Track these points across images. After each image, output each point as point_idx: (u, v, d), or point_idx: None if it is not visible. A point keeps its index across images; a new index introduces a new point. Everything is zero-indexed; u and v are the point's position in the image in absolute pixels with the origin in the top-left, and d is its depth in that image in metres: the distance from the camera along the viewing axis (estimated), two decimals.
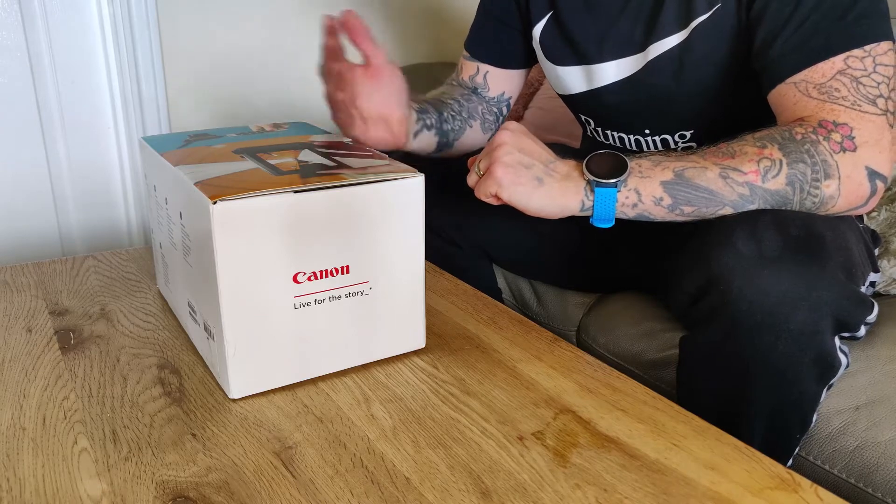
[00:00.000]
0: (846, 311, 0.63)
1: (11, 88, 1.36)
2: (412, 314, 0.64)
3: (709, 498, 0.47)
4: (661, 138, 0.87)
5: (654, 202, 0.68)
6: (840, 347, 0.66)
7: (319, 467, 0.49)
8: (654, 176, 0.68)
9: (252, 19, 1.53)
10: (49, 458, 0.50)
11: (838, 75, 0.68)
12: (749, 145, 0.68)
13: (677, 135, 0.86)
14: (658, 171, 0.68)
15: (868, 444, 0.69)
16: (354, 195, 0.57)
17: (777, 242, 0.63)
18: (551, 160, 0.70)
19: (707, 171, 0.67)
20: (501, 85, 1.01)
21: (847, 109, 0.68)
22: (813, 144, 0.67)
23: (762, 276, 0.62)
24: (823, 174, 0.67)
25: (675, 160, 0.69)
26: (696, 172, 0.68)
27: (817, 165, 0.67)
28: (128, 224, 1.54)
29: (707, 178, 0.67)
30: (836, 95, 0.68)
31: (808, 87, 0.70)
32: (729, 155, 0.68)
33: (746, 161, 0.67)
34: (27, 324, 0.69)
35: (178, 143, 0.69)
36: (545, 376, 0.61)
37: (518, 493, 0.47)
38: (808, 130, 0.68)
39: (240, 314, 0.55)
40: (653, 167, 0.68)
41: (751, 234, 0.63)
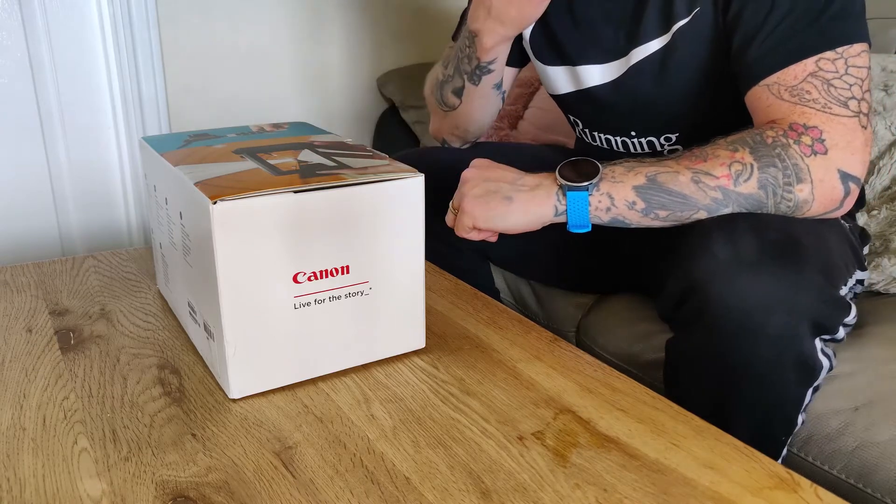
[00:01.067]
0: (823, 314, 0.64)
1: (11, 88, 1.36)
2: (412, 314, 0.64)
3: (708, 498, 0.47)
4: (648, 140, 0.88)
5: (626, 206, 0.69)
6: (822, 350, 0.67)
7: (319, 467, 0.49)
8: (626, 181, 0.69)
9: (252, 19, 1.53)
10: (49, 458, 0.50)
11: (810, 77, 0.69)
12: (721, 149, 0.69)
13: (663, 137, 0.86)
14: (630, 176, 0.69)
15: (867, 444, 0.69)
16: (354, 195, 0.57)
17: (754, 246, 0.63)
18: (518, 178, 0.72)
19: (679, 175, 0.68)
20: None
21: (817, 112, 0.68)
22: (783, 148, 0.68)
23: (739, 281, 0.62)
24: (795, 178, 0.68)
25: (648, 165, 0.69)
26: (669, 177, 0.68)
27: (788, 170, 0.67)
28: (128, 224, 1.54)
29: (679, 182, 0.68)
30: (806, 98, 0.69)
31: (781, 90, 0.70)
32: (701, 159, 0.68)
33: (718, 165, 0.68)
34: (27, 324, 0.69)
35: (178, 143, 0.69)
36: (545, 376, 0.61)
37: (518, 493, 0.47)
38: (778, 134, 0.68)
39: (240, 314, 0.55)
40: (626, 172, 0.69)
41: (728, 238, 0.64)
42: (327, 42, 1.64)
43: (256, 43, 1.55)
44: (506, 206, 0.70)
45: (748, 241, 0.63)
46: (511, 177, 0.72)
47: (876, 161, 1.10)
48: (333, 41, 1.65)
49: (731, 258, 0.63)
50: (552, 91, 0.96)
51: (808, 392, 0.68)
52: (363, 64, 1.70)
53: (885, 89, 1.15)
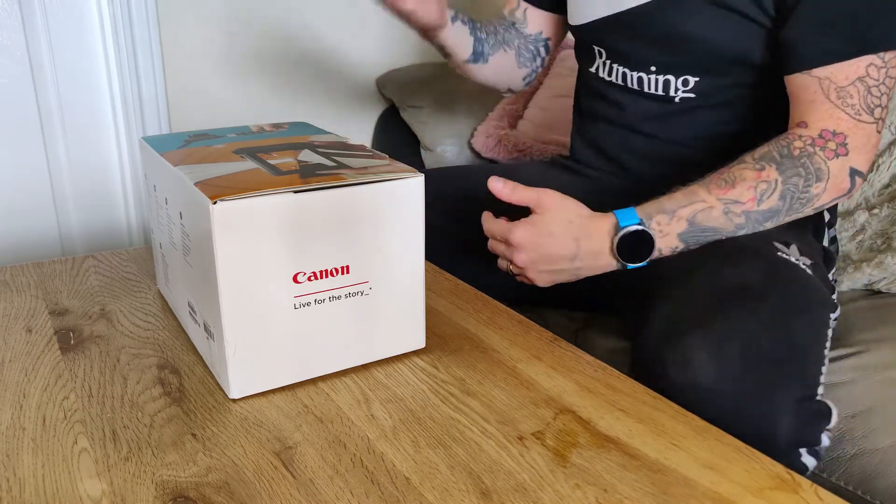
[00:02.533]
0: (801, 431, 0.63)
1: (11, 88, 1.36)
2: (412, 314, 0.64)
3: (709, 498, 0.47)
4: (665, 79, 0.87)
5: (671, 251, 0.75)
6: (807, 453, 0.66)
7: (319, 467, 0.49)
8: (671, 232, 0.73)
9: (252, 19, 1.53)
10: (49, 458, 0.50)
11: (857, 81, 0.72)
12: (749, 169, 0.72)
13: (681, 80, 0.86)
14: (674, 225, 0.73)
15: (866, 451, 0.69)
16: (354, 195, 0.57)
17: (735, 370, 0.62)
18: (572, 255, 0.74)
19: (713, 210, 0.72)
20: (538, 24, 1.04)
21: (849, 118, 0.72)
22: (809, 157, 0.72)
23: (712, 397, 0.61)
24: (815, 179, 0.72)
25: (686, 204, 0.73)
26: (705, 215, 0.73)
27: (811, 174, 0.72)
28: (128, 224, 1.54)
29: (712, 217, 0.73)
30: (848, 102, 0.72)
31: (830, 88, 0.72)
32: (730, 184, 0.72)
33: (745, 189, 0.72)
34: (27, 324, 0.69)
35: (178, 143, 0.69)
36: (545, 376, 0.61)
37: (518, 493, 0.47)
38: (806, 144, 0.72)
39: (240, 314, 0.55)
40: (669, 222, 0.73)
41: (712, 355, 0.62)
42: (327, 42, 1.64)
43: (256, 43, 1.55)
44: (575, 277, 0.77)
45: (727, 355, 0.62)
46: (567, 256, 0.74)
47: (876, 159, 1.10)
48: (333, 41, 1.65)
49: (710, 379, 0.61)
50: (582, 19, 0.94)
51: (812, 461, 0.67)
52: (363, 64, 1.70)
53: None
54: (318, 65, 1.65)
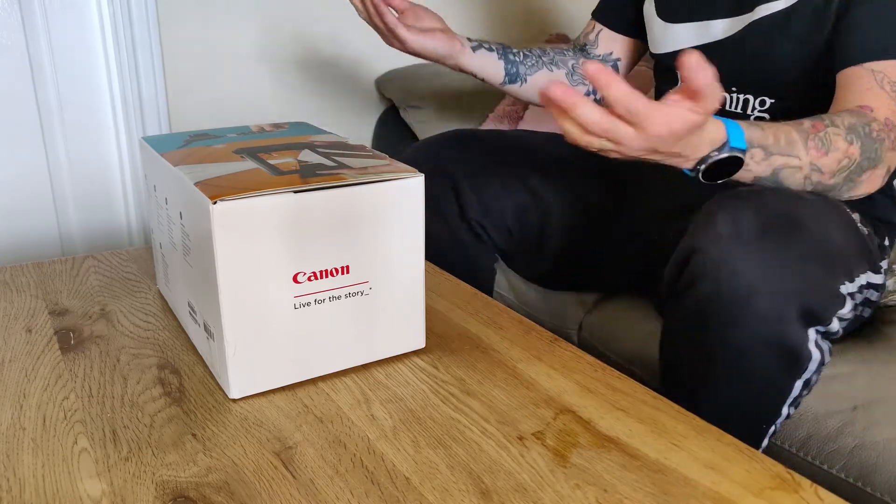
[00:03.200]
0: (814, 302, 0.64)
1: (11, 88, 1.36)
2: (412, 314, 0.63)
3: (709, 498, 0.47)
4: (744, 98, 0.89)
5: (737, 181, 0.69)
6: (816, 341, 0.66)
7: (319, 467, 0.49)
8: (754, 170, 0.68)
9: (252, 19, 1.53)
10: (49, 458, 0.50)
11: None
12: (841, 138, 0.70)
13: (758, 100, 0.88)
14: (762, 166, 0.68)
15: (866, 443, 0.69)
16: (354, 195, 0.57)
17: (754, 224, 0.64)
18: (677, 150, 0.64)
19: (798, 173, 0.70)
20: (610, 45, 1.10)
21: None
22: (881, 144, 0.71)
23: (733, 257, 0.62)
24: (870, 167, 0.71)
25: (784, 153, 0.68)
26: (789, 173, 0.69)
27: (872, 162, 0.71)
28: (128, 224, 1.54)
29: (794, 179, 0.70)
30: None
31: (884, 80, 0.72)
32: (825, 149, 0.69)
33: (833, 161, 0.69)
34: (27, 324, 0.69)
35: (178, 143, 0.69)
36: (545, 376, 0.61)
37: (518, 493, 0.47)
38: (881, 128, 0.71)
39: (240, 314, 0.55)
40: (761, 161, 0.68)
41: (732, 214, 0.64)
42: (327, 42, 1.64)
43: (256, 43, 1.55)
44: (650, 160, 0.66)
45: (750, 218, 0.64)
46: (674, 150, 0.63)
47: None
48: (333, 41, 1.64)
49: (731, 233, 0.63)
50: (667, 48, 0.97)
51: (797, 383, 0.67)
52: (363, 64, 1.69)
53: None
54: (318, 65, 1.65)
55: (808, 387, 0.69)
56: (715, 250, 0.63)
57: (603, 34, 1.10)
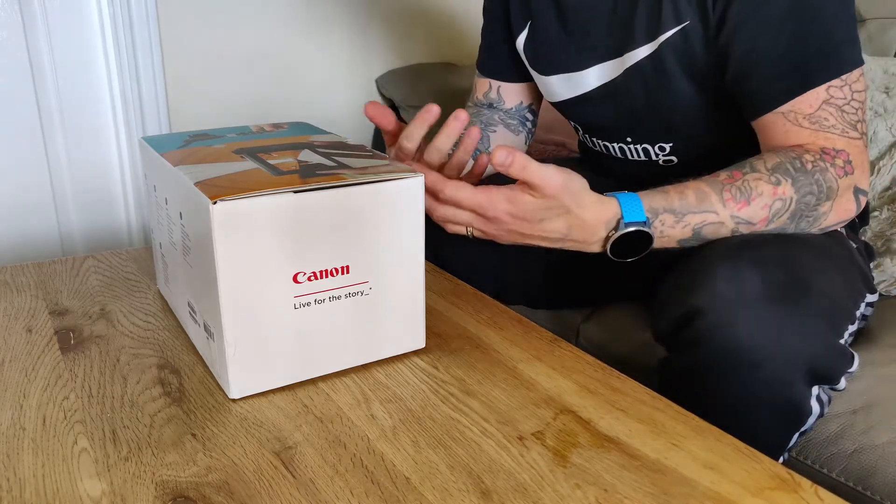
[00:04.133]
0: (822, 364, 0.63)
1: (11, 88, 1.36)
2: (412, 314, 0.64)
3: (708, 498, 0.47)
4: (643, 147, 0.88)
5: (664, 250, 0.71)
6: (817, 396, 0.66)
7: (319, 467, 0.49)
8: (672, 235, 0.70)
9: (252, 19, 1.53)
10: (49, 458, 0.50)
11: (824, 105, 0.71)
12: (764, 181, 0.68)
13: (657, 146, 0.86)
14: (678, 230, 0.69)
15: (866, 447, 0.70)
16: (354, 195, 0.57)
17: (758, 286, 0.62)
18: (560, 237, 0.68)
19: (722, 227, 0.69)
20: (516, 96, 1.03)
21: (839, 137, 0.71)
22: (822, 172, 0.69)
23: (738, 321, 0.61)
24: (825, 198, 0.70)
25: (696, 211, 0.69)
26: (713, 229, 0.69)
27: (822, 192, 0.69)
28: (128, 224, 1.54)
29: (719, 233, 0.70)
30: (826, 125, 0.71)
31: (798, 118, 0.71)
32: (745, 199, 0.68)
33: (760, 208, 0.68)
34: (27, 324, 0.69)
35: (178, 143, 0.69)
36: (545, 376, 0.61)
37: (518, 493, 0.47)
38: (816, 158, 0.70)
39: (240, 314, 0.55)
40: (675, 224, 0.69)
41: (732, 273, 0.63)
42: (327, 42, 1.64)
43: (256, 43, 1.55)
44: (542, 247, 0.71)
45: (754, 278, 0.62)
46: (555, 237, 0.68)
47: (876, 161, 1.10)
48: (333, 41, 1.65)
49: (735, 295, 0.62)
50: (551, 99, 0.96)
51: (795, 435, 0.68)
52: (363, 64, 1.70)
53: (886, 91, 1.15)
54: (318, 65, 1.65)
55: (803, 435, 0.69)
56: (718, 313, 0.62)
57: (503, 89, 1.03)
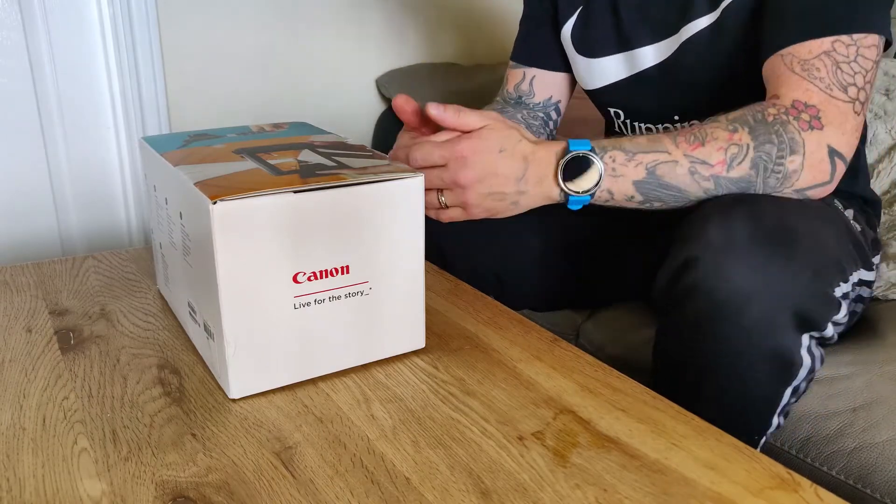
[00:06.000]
0: (808, 308, 0.63)
1: (11, 88, 1.36)
2: (412, 314, 0.64)
3: (709, 498, 0.47)
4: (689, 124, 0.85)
5: (625, 199, 0.70)
6: (809, 348, 0.66)
7: (319, 467, 0.49)
8: (626, 174, 0.69)
9: (252, 19, 1.53)
10: (49, 458, 0.50)
11: (822, 55, 0.70)
12: (721, 128, 0.69)
13: None
14: (631, 169, 0.69)
15: (866, 445, 0.70)
16: (354, 195, 0.57)
17: (747, 231, 0.63)
18: (520, 175, 0.69)
19: (677, 166, 0.68)
20: (548, 89, 1.02)
21: (819, 91, 0.70)
22: (783, 125, 0.68)
23: (727, 266, 0.62)
24: (789, 150, 0.68)
25: (647, 151, 0.69)
26: (667, 168, 0.68)
27: (784, 144, 0.68)
28: (128, 224, 1.54)
29: (676, 175, 0.69)
30: (814, 75, 0.70)
31: (793, 61, 0.71)
32: (699, 141, 0.69)
33: (715, 150, 0.68)
34: (27, 324, 0.69)
35: (178, 143, 0.69)
36: (545, 376, 0.61)
37: (518, 493, 0.47)
38: (780, 111, 0.69)
39: (240, 314, 0.55)
40: (626, 162, 0.69)
41: (724, 221, 0.64)
42: (328, 42, 1.64)
43: (257, 43, 1.55)
44: (512, 208, 0.71)
45: (743, 225, 0.63)
46: (513, 176, 0.69)
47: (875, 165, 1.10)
48: (334, 41, 1.64)
49: (724, 241, 0.63)
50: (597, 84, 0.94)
51: (786, 391, 0.67)
52: (363, 64, 1.69)
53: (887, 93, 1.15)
54: (318, 65, 1.65)
55: (796, 394, 0.68)
56: (708, 259, 0.63)
57: (537, 80, 1.01)
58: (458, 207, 0.71)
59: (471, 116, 0.69)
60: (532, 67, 1.02)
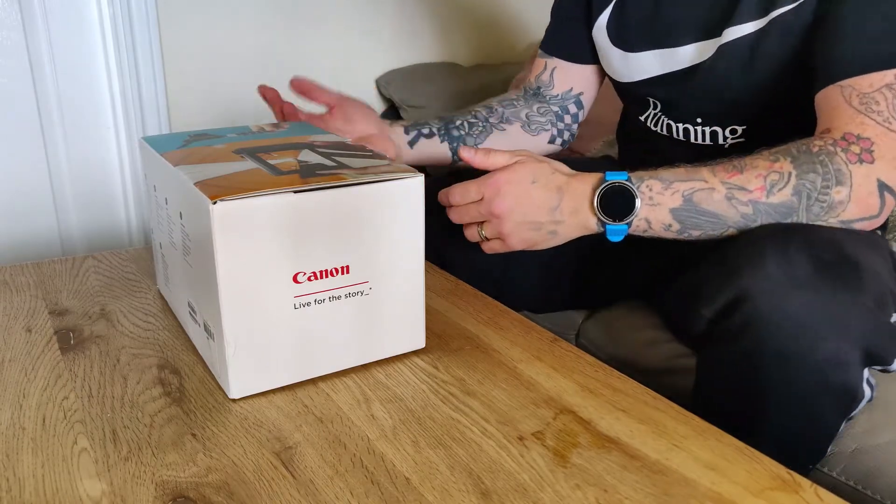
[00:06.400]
0: (876, 343, 0.62)
1: (11, 88, 1.36)
2: (412, 314, 0.63)
3: (709, 498, 0.47)
4: (712, 130, 0.85)
5: (663, 228, 0.69)
6: (867, 379, 0.65)
7: (319, 467, 0.49)
8: (663, 202, 0.68)
9: (252, 19, 1.53)
10: (49, 458, 0.50)
11: (884, 88, 0.68)
12: (762, 159, 0.68)
13: (728, 129, 0.84)
14: (668, 197, 0.68)
15: (867, 447, 0.69)
16: (354, 195, 0.57)
17: (809, 266, 0.61)
18: (554, 205, 0.70)
19: (714, 192, 0.67)
20: (569, 80, 1.01)
21: (876, 125, 0.67)
22: (829, 156, 0.66)
23: (791, 301, 0.60)
24: (835, 181, 0.66)
25: (684, 179, 0.68)
26: (704, 195, 0.68)
27: (829, 174, 0.66)
28: (128, 224, 1.53)
29: (713, 201, 0.67)
30: (872, 108, 0.68)
31: (852, 95, 0.69)
32: (738, 170, 0.68)
33: (754, 177, 0.67)
34: (27, 324, 0.69)
35: (178, 143, 0.69)
36: (545, 376, 0.61)
37: (518, 494, 0.47)
38: (826, 143, 0.67)
39: (240, 314, 0.55)
40: (663, 191, 0.68)
41: (782, 254, 0.62)
42: (328, 42, 1.64)
43: (257, 43, 1.55)
44: (550, 239, 0.72)
45: (803, 259, 0.61)
46: (548, 205, 0.70)
47: None
48: (334, 41, 1.64)
49: (785, 276, 0.60)
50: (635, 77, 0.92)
51: (843, 422, 0.66)
52: (363, 64, 1.69)
53: None
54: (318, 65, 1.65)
55: (848, 422, 0.68)
56: (769, 294, 0.60)
57: (558, 71, 1.01)
58: (498, 239, 0.73)
59: (499, 156, 0.72)
60: (554, 58, 1.01)
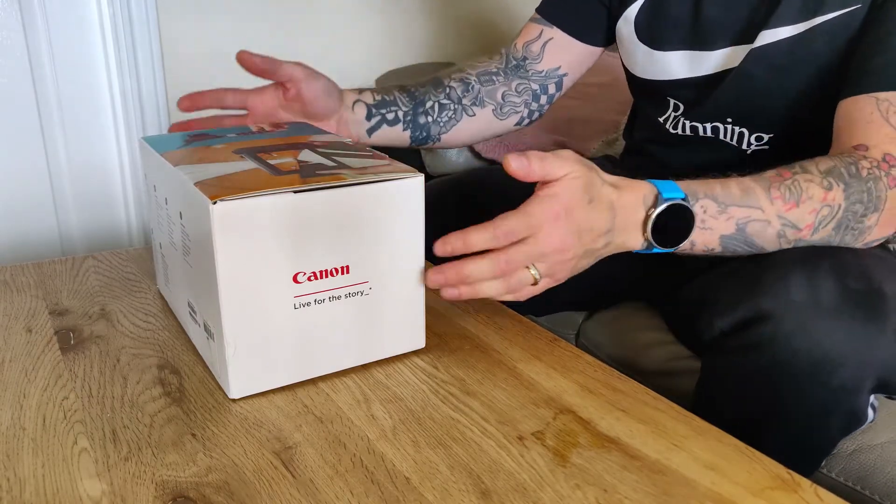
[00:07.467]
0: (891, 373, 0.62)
1: (11, 88, 1.36)
2: (412, 314, 0.63)
3: (709, 498, 0.47)
4: (739, 131, 0.81)
5: (704, 250, 0.64)
6: (872, 403, 0.65)
7: (319, 467, 0.49)
8: (716, 228, 0.62)
9: (252, 19, 1.53)
10: (49, 458, 0.50)
11: None
12: (816, 184, 0.63)
13: (754, 136, 0.81)
14: (721, 223, 0.62)
15: (865, 447, 0.70)
16: (354, 195, 0.57)
17: (836, 293, 0.60)
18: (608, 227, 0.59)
19: (769, 226, 0.63)
20: (560, 57, 0.91)
21: None
22: (875, 181, 0.64)
23: (814, 327, 0.59)
24: (872, 209, 0.65)
25: (741, 205, 0.62)
26: (759, 228, 0.63)
27: (871, 202, 0.65)
28: (128, 224, 1.53)
29: (766, 235, 0.64)
30: None
31: (889, 110, 0.66)
32: (795, 200, 0.63)
33: (807, 213, 0.63)
34: (27, 324, 0.69)
35: (178, 143, 0.69)
36: (545, 376, 0.61)
37: (518, 494, 0.47)
38: (873, 165, 0.65)
39: (240, 314, 0.55)
40: (717, 215, 0.62)
41: (808, 279, 0.61)
42: (327, 42, 1.64)
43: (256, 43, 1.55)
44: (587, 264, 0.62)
45: (830, 285, 0.60)
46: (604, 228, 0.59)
47: None
48: (333, 41, 1.65)
49: (809, 301, 0.60)
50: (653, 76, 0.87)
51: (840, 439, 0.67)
52: (363, 64, 1.69)
53: None
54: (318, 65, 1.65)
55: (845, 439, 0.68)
56: (791, 317, 0.60)
57: (552, 44, 0.90)
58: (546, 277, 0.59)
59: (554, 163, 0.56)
60: (553, 27, 0.90)
